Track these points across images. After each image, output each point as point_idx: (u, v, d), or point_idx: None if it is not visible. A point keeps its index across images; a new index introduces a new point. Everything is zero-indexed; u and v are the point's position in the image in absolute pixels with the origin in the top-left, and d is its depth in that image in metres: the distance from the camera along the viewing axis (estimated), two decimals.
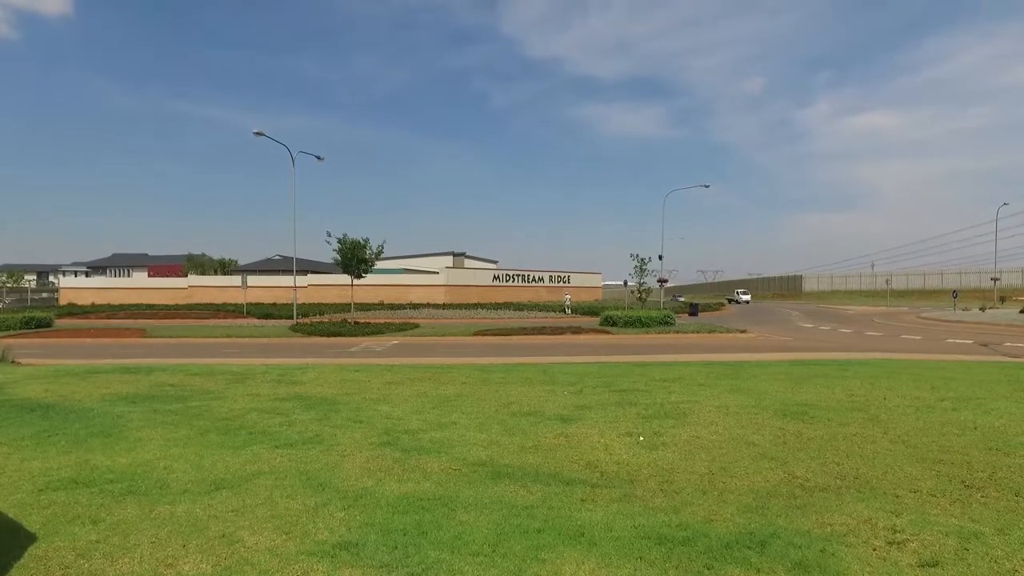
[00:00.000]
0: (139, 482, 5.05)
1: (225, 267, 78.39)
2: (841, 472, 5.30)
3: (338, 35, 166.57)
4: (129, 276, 79.17)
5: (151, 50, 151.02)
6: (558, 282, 66.79)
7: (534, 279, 65.28)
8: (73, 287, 63.36)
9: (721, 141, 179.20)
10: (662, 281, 44.09)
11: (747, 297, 76.82)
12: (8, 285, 59.40)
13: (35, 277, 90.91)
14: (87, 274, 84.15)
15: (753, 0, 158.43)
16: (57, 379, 11.05)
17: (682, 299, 74.22)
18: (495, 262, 78.11)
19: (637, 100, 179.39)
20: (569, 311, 42.97)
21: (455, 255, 71.02)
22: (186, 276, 65.93)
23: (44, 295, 63.45)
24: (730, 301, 73.12)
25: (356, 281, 34.56)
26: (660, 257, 41.82)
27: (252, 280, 47.58)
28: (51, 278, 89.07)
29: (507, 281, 62.89)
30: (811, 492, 4.78)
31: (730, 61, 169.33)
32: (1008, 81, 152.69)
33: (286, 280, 50.70)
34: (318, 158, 36.01)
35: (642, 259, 37.95)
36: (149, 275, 76.25)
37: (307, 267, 59.88)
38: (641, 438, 6.52)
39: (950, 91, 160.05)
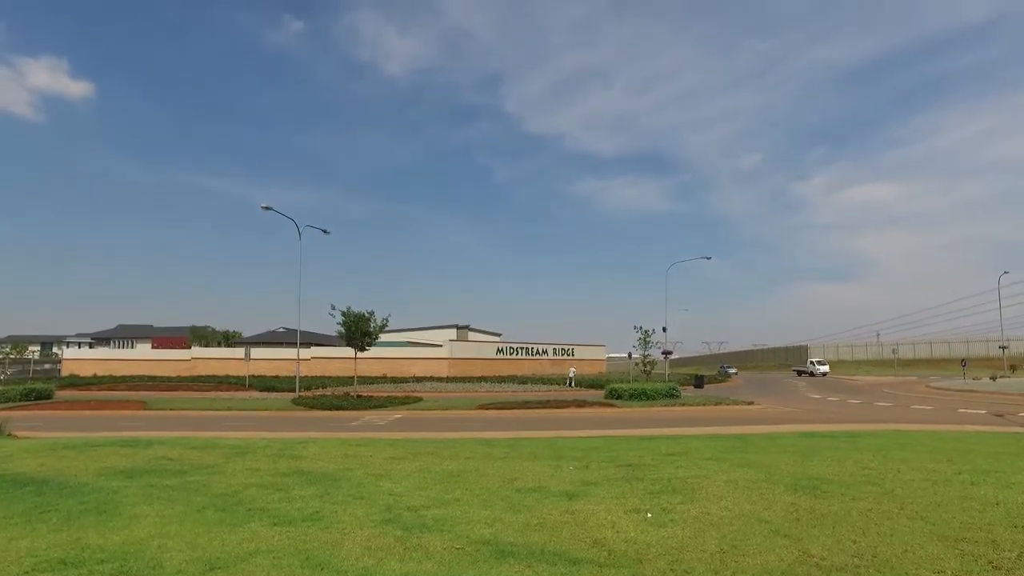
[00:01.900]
0: (131, 562, 4.88)
1: (229, 339, 78.32)
2: (858, 551, 5.10)
3: (345, 113, 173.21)
4: (133, 348, 79.05)
5: (164, 126, 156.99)
6: (562, 354, 66.38)
7: (538, 352, 64.95)
8: (76, 358, 63.21)
9: (721, 214, 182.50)
10: (666, 353, 43.81)
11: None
12: (12, 356, 59.30)
13: (39, 348, 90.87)
14: (91, 345, 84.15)
15: (747, 77, 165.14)
16: (53, 452, 10.88)
17: (732, 371, 73.08)
18: (499, 335, 77.97)
19: (637, 174, 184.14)
20: (572, 384, 42.55)
21: (458, 328, 71.00)
22: (189, 348, 65.84)
23: (47, 366, 63.29)
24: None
25: (359, 354, 34.38)
26: (664, 329, 41.77)
27: (255, 352, 47.51)
28: (55, 349, 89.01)
29: (511, 354, 62.60)
30: (828, 572, 4.59)
31: (727, 136, 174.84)
32: (996, 155, 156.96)
33: (289, 352, 50.60)
34: (324, 232, 36.74)
35: (646, 331, 37.85)
36: (153, 347, 76.10)
37: (310, 339, 59.83)
38: (649, 515, 6.33)
39: (942, 164, 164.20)
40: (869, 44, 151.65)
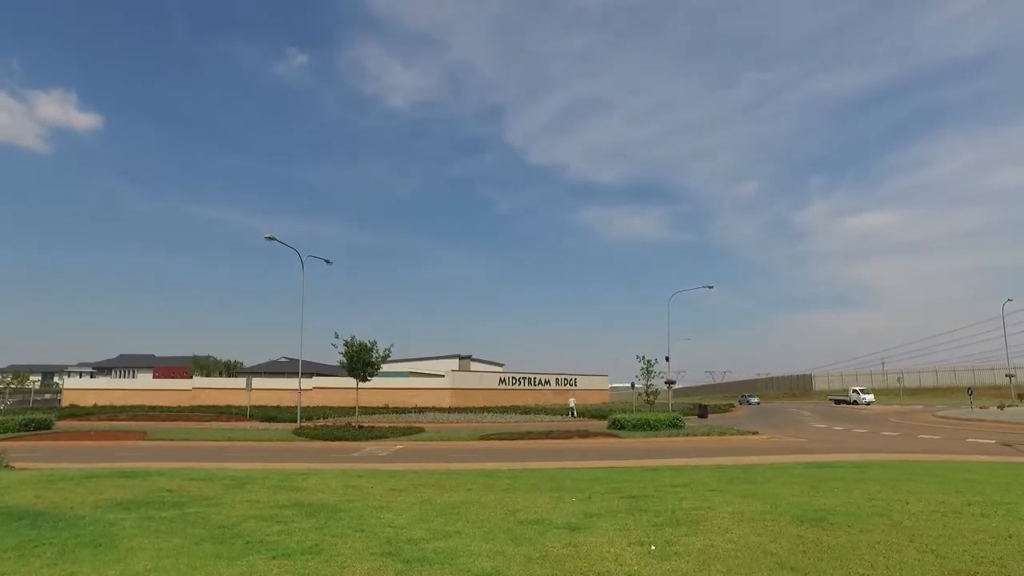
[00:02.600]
0: None
1: (231, 369, 78.12)
2: None
3: (348, 144, 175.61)
4: (134, 377, 78.81)
5: (169, 156, 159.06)
6: (564, 385, 65.99)
7: (540, 382, 64.60)
8: (76, 388, 62.99)
9: (723, 243, 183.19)
10: (670, 383, 43.52)
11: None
12: (12, 386, 59.14)
13: (40, 378, 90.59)
14: (92, 375, 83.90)
15: (746, 108, 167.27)
16: (50, 484, 10.77)
17: (755, 400, 71.93)
18: (501, 365, 77.66)
19: (638, 204, 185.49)
20: (574, 414, 42.19)
21: (461, 358, 70.78)
22: (191, 378, 65.62)
23: (47, 396, 62.99)
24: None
25: (361, 384, 34.24)
26: (667, 358, 41.54)
27: (257, 382, 47.27)
28: (56, 379, 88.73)
29: (513, 384, 62.25)
30: None
31: (727, 165, 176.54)
32: (994, 184, 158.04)
33: (291, 383, 50.38)
34: (327, 262, 36.87)
35: (648, 360, 37.68)
36: (154, 376, 75.91)
37: (312, 369, 59.63)
38: (653, 547, 6.22)
39: (942, 192, 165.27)
40: (865, 76, 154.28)
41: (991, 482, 10.35)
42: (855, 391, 65.84)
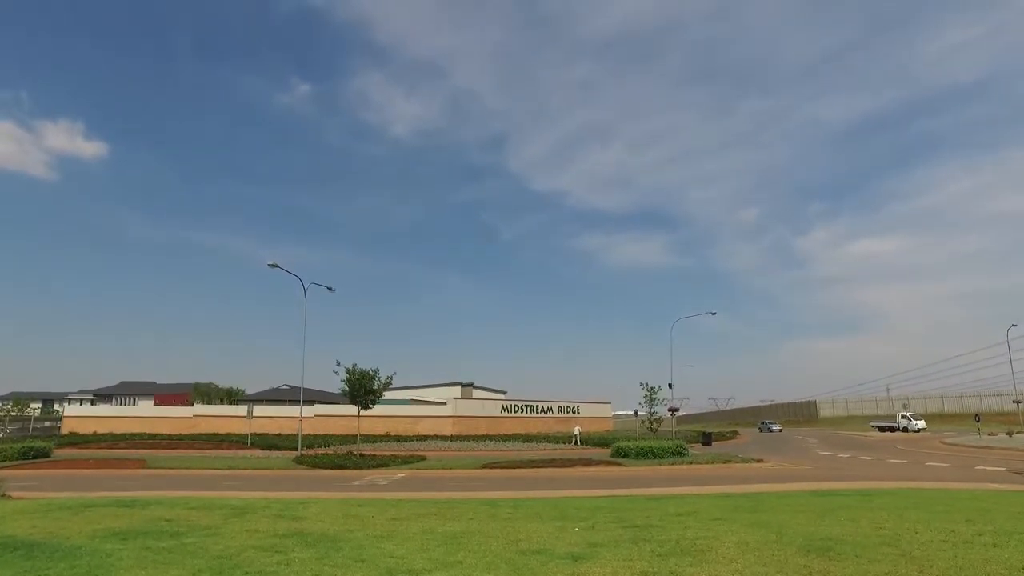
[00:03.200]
0: None
1: (232, 396, 77.79)
2: None
3: (352, 172, 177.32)
4: (135, 404, 78.44)
5: (173, 184, 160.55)
6: (567, 412, 65.52)
7: (543, 410, 64.18)
8: (76, 415, 62.66)
9: (724, 269, 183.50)
10: (673, 410, 43.17)
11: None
12: (12, 414, 58.79)
13: (40, 405, 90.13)
14: (92, 402, 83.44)
15: (746, 135, 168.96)
16: (47, 514, 10.66)
17: (776, 427, 70.01)
18: (503, 392, 77.19)
19: (640, 230, 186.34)
20: (578, 442, 41.79)
21: (463, 385, 70.44)
22: (192, 405, 65.30)
23: (47, 423, 62.58)
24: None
25: (363, 412, 34.05)
26: (670, 385, 41.27)
27: (258, 410, 47.02)
28: (56, 406, 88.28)
29: (516, 412, 61.85)
30: None
31: (728, 191, 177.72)
32: (994, 209, 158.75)
33: (292, 410, 50.06)
34: (329, 289, 36.90)
35: (652, 388, 37.42)
36: (155, 403, 75.57)
37: (314, 397, 59.31)
38: None
39: (942, 218, 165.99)
40: (865, 102, 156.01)
41: (1002, 511, 10.20)
42: (904, 416, 60.35)
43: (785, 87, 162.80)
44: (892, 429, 59.31)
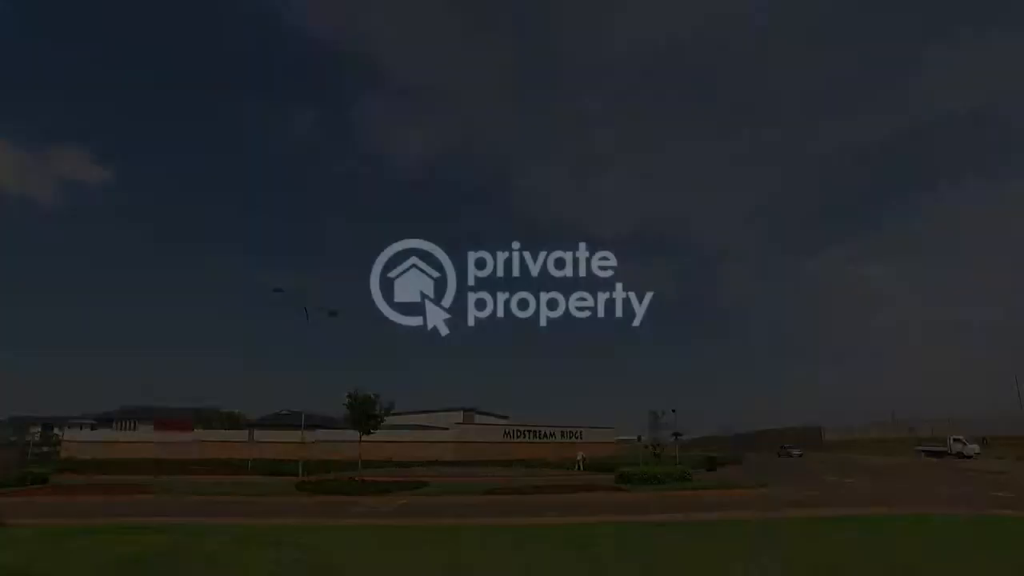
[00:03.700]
0: None
1: (233, 421, 77.36)
2: None
3: (355, 199, 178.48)
4: (135, 429, 77.94)
5: (177, 207, 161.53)
6: (570, 438, 64.96)
7: (546, 435, 63.66)
8: (76, 440, 62.27)
9: (727, 294, 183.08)
10: (677, 435, 42.86)
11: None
12: (12, 439, 58.45)
13: (40, 429, 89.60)
14: (93, 427, 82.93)
15: (747, 161, 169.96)
16: (40, 543, 10.58)
17: (797, 452, 68.39)
18: (506, 417, 76.66)
19: (643, 256, 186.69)
20: (581, 467, 41.40)
21: (465, 411, 69.99)
22: (193, 430, 64.93)
23: (45, 449, 62.15)
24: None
25: (364, 437, 33.80)
26: (673, 411, 41.04)
27: (259, 435, 46.69)
28: (55, 430, 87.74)
29: (518, 437, 61.39)
30: None
31: (731, 218, 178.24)
32: (994, 235, 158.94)
33: (293, 435, 49.70)
34: (332, 313, 36.87)
35: (656, 413, 37.20)
36: (155, 428, 75.11)
37: (315, 422, 58.86)
38: None
39: (944, 243, 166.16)
40: (866, 128, 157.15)
41: None
42: (956, 440, 53.61)
43: (787, 114, 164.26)
44: (942, 454, 54.19)
